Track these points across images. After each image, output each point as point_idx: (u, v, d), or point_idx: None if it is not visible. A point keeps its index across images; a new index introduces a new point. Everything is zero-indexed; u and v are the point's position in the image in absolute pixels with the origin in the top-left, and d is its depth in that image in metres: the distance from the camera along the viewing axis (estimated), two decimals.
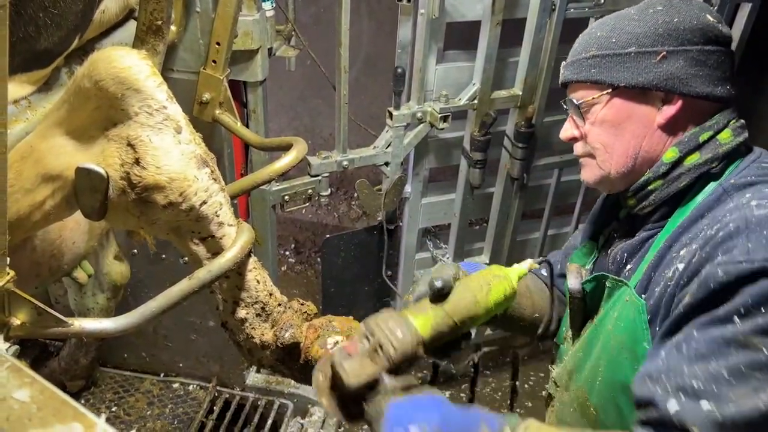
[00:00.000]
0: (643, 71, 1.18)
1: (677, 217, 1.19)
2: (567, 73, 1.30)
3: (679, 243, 1.14)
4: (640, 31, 1.19)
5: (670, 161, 1.19)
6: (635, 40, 1.19)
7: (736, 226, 1.02)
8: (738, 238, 1.00)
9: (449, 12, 2.21)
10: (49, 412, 0.47)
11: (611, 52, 1.21)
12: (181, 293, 0.98)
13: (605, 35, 1.23)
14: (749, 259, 0.96)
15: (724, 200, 1.12)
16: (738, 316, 0.96)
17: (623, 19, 1.23)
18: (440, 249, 2.81)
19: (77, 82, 0.91)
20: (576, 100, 1.28)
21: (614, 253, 1.33)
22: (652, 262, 1.18)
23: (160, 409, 2.59)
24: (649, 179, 1.21)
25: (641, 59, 1.18)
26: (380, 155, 2.35)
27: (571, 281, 1.35)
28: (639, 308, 1.16)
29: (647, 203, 1.23)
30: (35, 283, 1.38)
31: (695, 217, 1.14)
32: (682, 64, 1.16)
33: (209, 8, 1.73)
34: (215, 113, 1.77)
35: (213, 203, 1.01)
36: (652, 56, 1.18)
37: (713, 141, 1.17)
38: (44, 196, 0.97)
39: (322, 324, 1.22)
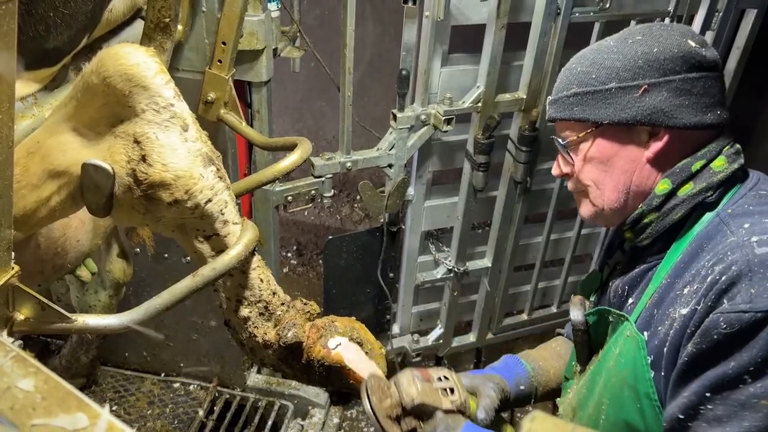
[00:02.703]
0: (625, 107, 1.15)
1: (676, 249, 1.17)
2: (551, 111, 1.27)
3: (682, 280, 1.10)
4: (619, 65, 1.16)
5: (662, 193, 1.16)
6: (615, 75, 1.16)
7: (739, 270, 0.99)
8: (741, 284, 0.98)
9: (454, 15, 2.22)
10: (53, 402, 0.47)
11: (592, 88, 1.18)
12: (185, 290, 0.98)
13: (585, 71, 1.20)
14: (752, 307, 0.94)
15: (722, 231, 1.09)
16: (749, 375, 0.95)
17: (603, 52, 1.20)
18: (442, 252, 2.81)
19: (85, 79, 0.92)
20: (562, 139, 1.27)
21: (616, 286, 1.32)
22: (654, 297, 1.15)
23: (161, 408, 2.59)
24: (644, 212, 1.19)
25: (622, 94, 1.15)
26: (383, 157, 2.36)
27: (574, 313, 1.35)
28: (639, 343, 1.14)
29: (644, 236, 1.21)
30: (39, 280, 1.39)
31: (695, 250, 1.11)
32: (666, 95, 1.13)
33: (215, 8, 1.74)
34: (220, 113, 1.77)
35: (218, 201, 1.02)
36: (634, 90, 1.14)
37: (707, 169, 1.14)
38: (50, 192, 0.97)
39: (324, 324, 1.22)
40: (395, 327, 2.96)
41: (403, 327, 2.96)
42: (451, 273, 2.78)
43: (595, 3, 2.31)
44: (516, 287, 3.07)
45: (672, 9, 2.41)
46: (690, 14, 2.45)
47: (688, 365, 1.02)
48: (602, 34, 2.39)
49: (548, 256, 2.98)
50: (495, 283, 2.91)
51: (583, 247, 3.07)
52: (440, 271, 2.80)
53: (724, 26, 2.51)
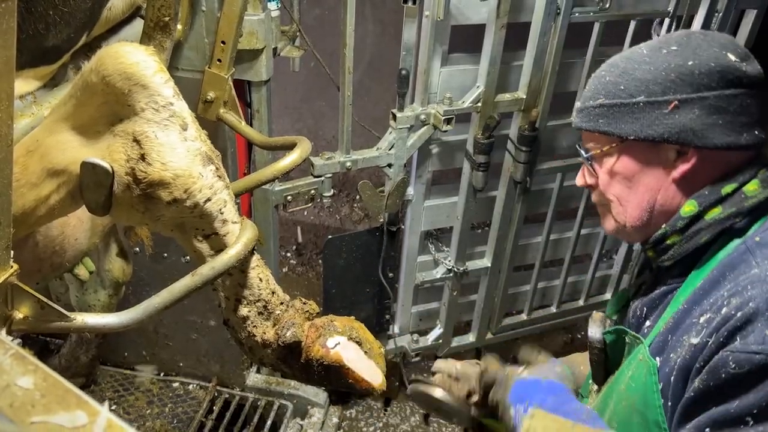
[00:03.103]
0: (652, 123, 1.08)
1: (697, 275, 1.11)
2: (577, 120, 1.22)
3: (700, 307, 1.05)
4: (650, 77, 1.09)
5: (688, 216, 1.10)
6: (644, 88, 1.09)
7: (756, 307, 0.94)
8: (756, 323, 0.93)
9: (454, 15, 2.22)
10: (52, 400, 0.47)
11: (619, 101, 1.12)
12: (184, 289, 0.98)
13: (614, 81, 1.13)
14: (764, 350, 0.90)
15: (747, 260, 1.02)
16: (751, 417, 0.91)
17: (634, 61, 1.13)
18: (442, 252, 2.81)
19: (84, 77, 0.92)
20: (586, 151, 1.22)
21: (635, 307, 1.27)
22: (669, 323, 1.10)
23: (160, 408, 2.59)
24: (666, 233, 1.13)
25: (650, 109, 1.09)
26: (383, 157, 2.36)
27: (592, 330, 1.30)
28: (651, 369, 1.10)
29: (666, 257, 1.16)
30: (37, 279, 1.38)
31: (716, 277, 1.05)
32: (698, 113, 1.05)
33: (215, 7, 1.74)
34: (219, 112, 1.77)
35: (217, 200, 1.01)
36: (663, 106, 1.07)
37: (738, 193, 1.07)
38: (49, 190, 0.97)
39: (323, 323, 1.22)
40: (395, 327, 2.95)
41: (402, 327, 2.96)
42: (450, 273, 2.78)
43: (595, 3, 2.30)
44: (515, 287, 3.07)
45: (672, 9, 2.41)
46: (690, 14, 2.45)
47: (694, 401, 0.99)
48: (602, 34, 2.39)
49: (548, 256, 2.98)
50: (494, 283, 2.91)
51: (582, 248, 3.07)
52: (440, 270, 2.80)
53: (723, 27, 2.50)
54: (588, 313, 3.23)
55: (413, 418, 3.09)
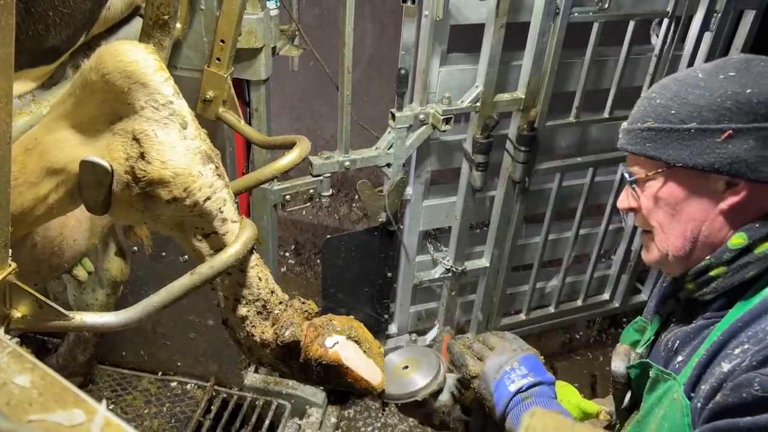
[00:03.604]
0: (703, 151, 1.03)
1: (739, 309, 1.05)
2: (623, 141, 1.17)
3: (737, 339, 1.01)
4: (703, 103, 1.03)
5: (736, 248, 1.05)
6: (697, 114, 1.03)
7: None
8: None
9: (453, 14, 2.22)
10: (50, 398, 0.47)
11: (669, 126, 1.06)
12: (183, 288, 0.98)
13: (665, 104, 1.08)
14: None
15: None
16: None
17: (688, 85, 1.07)
18: (441, 252, 2.81)
19: (84, 75, 0.91)
20: (631, 174, 1.16)
21: (667, 339, 1.19)
22: (704, 357, 1.04)
23: (158, 407, 2.59)
24: (711, 265, 1.08)
25: (702, 137, 1.03)
26: (382, 156, 2.36)
27: (616, 364, 1.24)
28: (684, 410, 1.04)
29: (708, 290, 1.10)
30: (35, 279, 1.38)
31: (758, 312, 1.01)
32: (753, 144, 1.00)
33: (213, 6, 1.74)
34: (218, 111, 1.77)
35: (217, 199, 1.01)
36: (716, 135, 1.02)
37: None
38: (48, 189, 0.97)
39: (322, 323, 1.22)
40: (393, 326, 2.95)
41: (400, 326, 2.95)
42: (449, 273, 2.78)
43: (594, 3, 2.31)
44: (514, 287, 3.07)
45: (671, 9, 2.41)
46: (689, 15, 2.45)
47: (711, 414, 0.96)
48: (601, 33, 2.40)
49: (546, 256, 2.98)
50: (493, 283, 2.91)
51: (581, 248, 3.07)
52: (438, 270, 2.80)
53: (722, 27, 2.51)
54: (586, 313, 3.25)
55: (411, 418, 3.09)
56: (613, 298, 3.28)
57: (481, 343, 1.33)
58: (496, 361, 1.25)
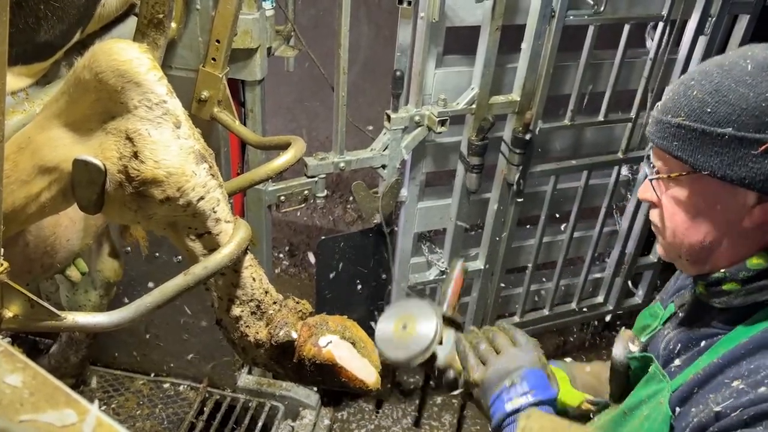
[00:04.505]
0: (735, 162, 0.92)
1: (746, 331, 0.99)
2: (651, 130, 1.05)
3: (736, 368, 0.95)
4: (745, 106, 0.91)
5: (755, 269, 0.97)
6: (736, 118, 0.91)
7: None
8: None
9: (449, 16, 2.22)
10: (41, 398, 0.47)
11: (702, 127, 0.94)
12: (176, 288, 0.97)
13: (701, 98, 0.95)
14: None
15: None
16: None
17: (732, 79, 0.94)
18: (435, 254, 2.81)
19: (77, 74, 0.91)
20: (652, 167, 1.07)
21: (669, 339, 1.14)
22: (700, 375, 1.00)
23: (150, 409, 2.57)
24: (725, 278, 1.01)
25: (737, 146, 0.92)
26: (377, 158, 2.35)
27: (617, 351, 1.18)
28: (665, 417, 1.02)
29: (719, 302, 1.03)
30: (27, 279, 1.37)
31: (764, 342, 0.95)
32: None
33: (209, 6, 1.73)
34: (213, 111, 1.76)
35: (210, 199, 1.01)
36: (753, 146, 0.90)
37: None
38: (40, 188, 0.96)
39: (316, 322, 1.21)
40: None
41: None
42: (443, 275, 2.78)
43: (590, 6, 2.31)
44: (508, 289, 3.07)
45: (665, 13, 2.42)
46: (683, 19, 2.46)
47: None
48: (596, 37, 2.40)
49: (541, 258, 2.98)
50: (487, 286, 2.91)
51: (575, 251, 3.08)
52: (433, 272, 2.80)
53: (717, 31, 2.52)
54: (580, 315, 3.25)
55: (405, 420, 3.08)
56: (607, 300, 3.28)
57: (488, 342, 1.25)
58: (498, 369, 1.18)
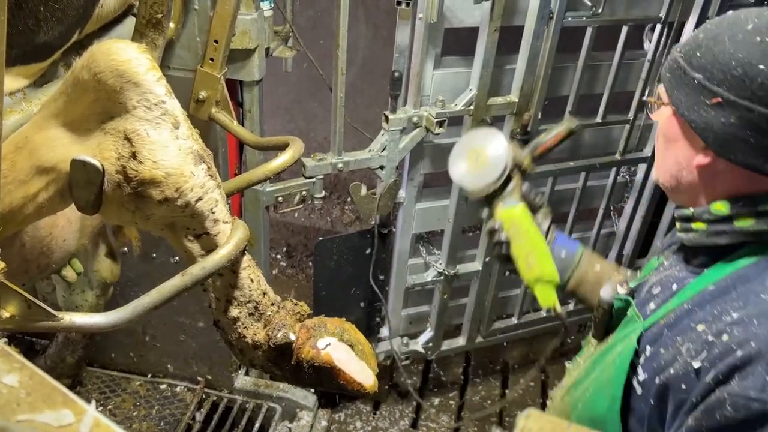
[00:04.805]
0: (693, 106, 1.03)
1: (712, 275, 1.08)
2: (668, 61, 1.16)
3: (702, 312, 1.04)
4: (721, 60, 0.99)
5: (716, 214, 1.06)
6: (709, 68, 1.01)
7: (758, 349, 0.92)
8: (757, 365, 0.92)
9: (448, 17, 2.22)
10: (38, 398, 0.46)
11: (686, 67, 1.05)
12: (173, 289, 0.97)
13: (699, 44, 1.06)
14: (762, 398, 0.90)
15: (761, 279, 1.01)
16: None
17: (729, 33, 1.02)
18: (433, 255, 2.80)
19: (75, 74, 0.91)
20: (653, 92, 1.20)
21: (650, 284, 1.24)
22: (670, 317, 1.10)
23: (147, 410, 2.57)
24: (693, 217, 1.11)
25: (698, 93, 1.02)
26: (375, 158, 2.35)
27: (605, 291, 1.27)
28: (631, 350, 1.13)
29: (687, 239, 1.13)
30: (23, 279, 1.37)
31: (726, 287, 1.04)
32: (733, 121, 0.98)
33: (207, 6, 1.73)
34: (211, 111, 1.76)
35: (209, 200, 1.01)
36: (708, 96, 1.00)
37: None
38: (38, 188, 0.96)
39: (314, 324, 1.21)
40: (385, 330, 2.95)
41: (392, 330, 2.95)
42: (441, 276, 2.78)
43: (588, 8, 2.32)
44: (506, 291, 3.07)
45: (663, 15, 2.43)
46: (681, 21, 2.47)
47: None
48: (594, 38, 2.41)
49: None
50: (485, 287, 2.91)
51: None
52: (430, 273, 2.80)
53: None
54: (577, 317, 3.25)
55: (402, 421, 3.08)
56: None
57: None
58: None
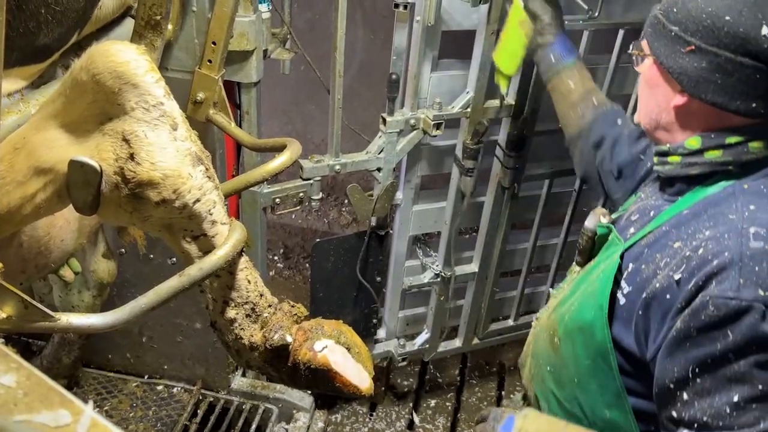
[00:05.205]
0: (671, 55, 1.19)
1: (685, 201, 1.24)
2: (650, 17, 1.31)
3: (677, 232, 1.19)
4: (694, 14, 1.15)
5: (689, 148, 1.22)
6: (684, 21, 1.17)
7: (731, 258, 1.07)
8: (731, 271, 1.06)
9: (445, 20, 2.22)
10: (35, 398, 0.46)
11: (664, 21, 1.22)
12: (171, 290, 0.97)
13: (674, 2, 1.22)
14: (738, 296, 1.04)
15: (729, 202, 1.16)
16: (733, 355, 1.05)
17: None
18: (430, 257, 2.81)
19: (74, 75, 0.91)
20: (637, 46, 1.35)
21: (631, 212, 1.40)
22: (650, 238, 1.25)
23: (143, 411, 2.56)
24: (669, 151, 1.26)
25: (675, 43, 1.18)
26: (372, 160, 2.36)
27: (589, 220, 1.43)
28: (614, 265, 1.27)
29: (663, 171, 1.29)
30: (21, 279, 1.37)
31: (698, 210, 1.19)
32: (704, 65, 1.14)
33: (205, 8, 1.73)
34: (209, 113, 1.76)
35: (206, 201, 1.01)
36: (683, 45, 1.17)
37: (742, 146, 1.18)
38: (36, 188, 0.96)
39: (311, 327, 1.21)
40: (381, 331, 2.95)
41: (389, 331, 2.95)
42: (438, 278, 2.78)
43: (584, 11, 2.32)
44: (502, 293, 3.08)
45: None
46: None
47: (677, 340, 1.10)
48: (591, 42, 2.41)
49: (535, 262, 2.99)
50: (481, 289, 2.91)
51: (569, 254, 3.09)
52: (427, 275, 2.80)
53: None
54: None
55: (399, 423, 3.08)
56: None
57: None
58: None
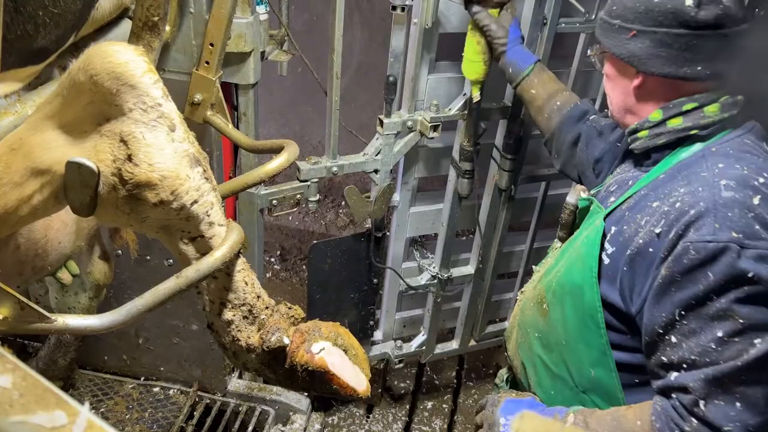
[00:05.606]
0: (618, 44, 1.36)
1: (662, 167, 1.37)
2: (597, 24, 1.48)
3: (655, 194, 1.31)
4: (629, 6, 1.32)
5: (654, 121, 1.36)
6: (623, 13, 1.34)
7: (706, 207, 1.19)
8: (707, 218, 1.18)
9: (442, 23, 2.23)
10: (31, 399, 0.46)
11: (607, 19, 1.39)
12: (168, 291, 0.97)
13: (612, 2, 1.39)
14: (715, 238, 1.15)
15: (699, 163, 1.28)
16: (714, 293, 1.15)
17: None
18: (427, 258, 2.81)
19: (72, 76, 0.90)
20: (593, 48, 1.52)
21: (609, 183, 1.53)
22: (630, 202, 1.37)
23: (140, 413, 2.55)
24: (638, 128, 1.40)
25: (620, 33, 1.35)
26: (370, 162, 2.36)
27: (571, 196, 1.57)
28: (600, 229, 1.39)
29: (636, 145, 1.42)
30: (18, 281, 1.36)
31: (673, 173, 1.32)
32: (648, 44, 1.30)
33: (203, 9, 1.73)
34: (206, 114, 1.76)
35: (204, 203, 1.01)
36: (626, 32, 1.33)
37: (698, 111, 1.31)
38: (32, 190, 0.96)
39: (309, 329, 1.21)
40: (378, 333, 2.95)
41: (386, 333, 2.95)
42: (434, 279, 2.78)
43: (581, 14, 2.33)
44: (499, 295, 3.08)
45: None
46: None
47: (662, 287, 1.21)
48: (588, 44, 2.42)
49: (531, 264, 2.98)
50: (478, 291, 2.92)
51: None
52: (424, 277, 2.81)
53: None
54: None
55: (395, 425, 3.08)
56: None
57: None
58: None
